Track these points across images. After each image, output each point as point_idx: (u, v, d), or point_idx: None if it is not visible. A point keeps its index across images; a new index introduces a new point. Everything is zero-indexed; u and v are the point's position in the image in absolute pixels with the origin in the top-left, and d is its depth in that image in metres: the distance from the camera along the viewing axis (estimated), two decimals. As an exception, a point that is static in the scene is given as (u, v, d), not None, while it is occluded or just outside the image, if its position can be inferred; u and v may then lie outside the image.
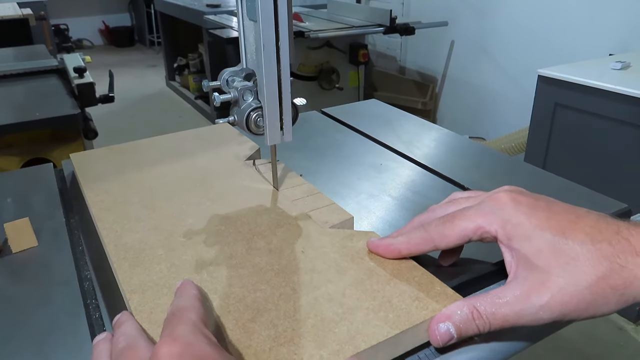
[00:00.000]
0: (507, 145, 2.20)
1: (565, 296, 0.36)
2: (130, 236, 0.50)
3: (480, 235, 0.41)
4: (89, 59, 1.64)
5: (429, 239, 0.43)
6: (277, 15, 0.48)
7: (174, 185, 0.60)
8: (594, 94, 1.54)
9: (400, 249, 0.44)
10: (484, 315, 0.38)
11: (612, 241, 0.36)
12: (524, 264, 0.38)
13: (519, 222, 0.39)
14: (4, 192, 0.65)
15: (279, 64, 0.51)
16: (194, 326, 0.33)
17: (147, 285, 0.43)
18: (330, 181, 0.69)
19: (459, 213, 0.42)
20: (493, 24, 2.65)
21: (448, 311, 0.38)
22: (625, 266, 0.35)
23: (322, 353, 0.35)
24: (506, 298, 0.37)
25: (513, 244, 0.39)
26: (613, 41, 2.09)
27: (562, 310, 0.36)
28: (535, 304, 0.36)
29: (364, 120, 0.91)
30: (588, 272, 0.36)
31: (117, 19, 5.98)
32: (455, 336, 0.38)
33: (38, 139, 1.31)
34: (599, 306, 0.36)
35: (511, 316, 0.37)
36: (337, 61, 2.77)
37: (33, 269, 0.50)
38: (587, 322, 0.39)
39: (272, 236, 0.50)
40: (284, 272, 0.44)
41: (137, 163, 0.66)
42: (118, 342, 0.35)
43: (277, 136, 0.54)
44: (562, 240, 0.37)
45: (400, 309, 0.39)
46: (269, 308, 0.40)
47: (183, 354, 0.30)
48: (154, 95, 4.18)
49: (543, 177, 0.72)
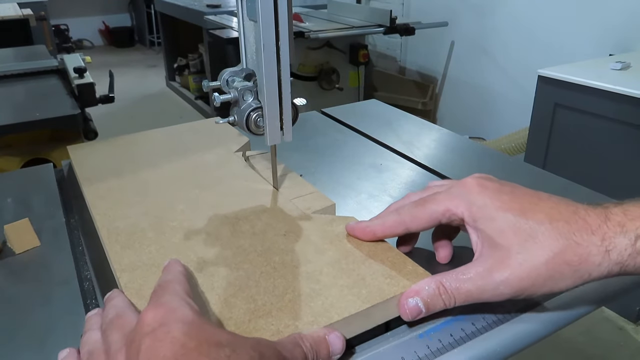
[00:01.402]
0: (507, 145, 2.20)
1: (524, 272, 0.38)
2: (122, 221, 0.52)
3: (449, 218, 0.43)
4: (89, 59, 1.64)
5: (401, 222, 0.45)
6: (277, 15, 0.48)
7: (166, 175, 0.63)
8: (594, 94, 1.54)
9: (375, 230, 0.47)
10: (449, 291, 0.40)
11: (570, 220, 0.38)
12: (488, 243, 0.40)
13: (484, 204, 0.41)
14: (4, 192, 0.65)
15: (279, 64, 0.51)
16: (178, 295, 0.35)
17: (137, 265, 0.45)
18: (330, 181, 0.69)
19: (430, 197, 0.45)
20: (493, 24, 2.65)
21: (417, 287, 0.41)
22: (581, 243, 0.37)
23: (297, 324, 0.38)
24: (470, 274, 0.40)
25: (478, 225, 0.41)
26: (613, 41, 2.08)
27: (521, 284, 0.38)
28: (496, 280, 0.39)
29: (364, 120, 0.91)
30: (545, 249, 0.38)
31: (117, 19, 5.98)
32: (424, 310, 0.40)
33: (38, 139, 1.31)
34: (555, 281, 0.38)
35: (474, 291, 0.39)
36: (337, 61, 2.77)
37: (33, 269, 0.50)
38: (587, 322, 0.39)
39: (257, 220, 0.52)
40: (266, 253, 0.47)
41: (131, 154, 0.69)
42: (108, 313, 0.38)
43: (277, 136, 0.54)
44: (522, 220, 0.39)
45: (372, 285, 0.42)
46: (250, 285, 0.42)
47: (166, 317, 0.32)
48: (154, 96, 4.18)
49: (543, 177, 0.72)
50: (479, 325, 0.43)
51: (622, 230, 0.37)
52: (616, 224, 0.37)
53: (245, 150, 0.70)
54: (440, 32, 2.92)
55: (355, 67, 2.81)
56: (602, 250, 0.37)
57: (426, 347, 0.40)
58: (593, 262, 0.37)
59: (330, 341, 0.37)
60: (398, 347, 0.40)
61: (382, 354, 0.40)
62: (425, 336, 0.41)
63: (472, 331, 0.42)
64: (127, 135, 0.75)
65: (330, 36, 2.56)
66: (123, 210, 0.54)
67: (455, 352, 0.40)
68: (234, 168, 0.64)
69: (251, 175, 0.63)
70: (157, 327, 0.31)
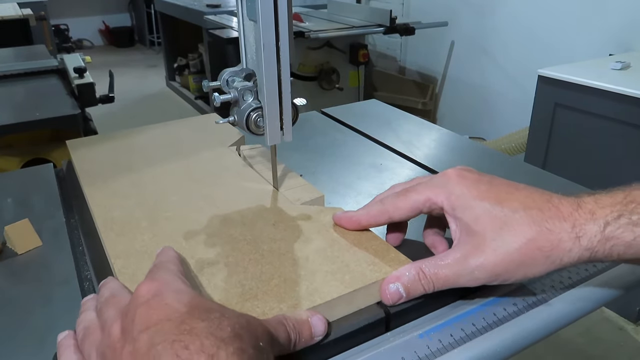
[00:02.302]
0: (507, 145, 2.20)
1: (498, 257, 0.39)
2: (117, 211, 0.54)
3: (429, 207, 0.45)
4: (89, 59, 1.64)
5: (384, 211, 0.47)
6: (277, 15, 0.48)
7: (161, 168, 0.64)
8: (594, 94, 1.54)
9: (360, 220, 0.49)
10: (428, 276, 0.41)
11: (543, 208, 0.40)
12: (465, 230, 0.42)
13: (462, 194, 0.43)
14: (4, 192, 0.65)
15: (279, 64, 0.51)
16: (172, 272, 0.37)
17: (130, 252, 0.47)
18: (330, 181, 0.69)
19: (412, 187, 0.46)
20: (493, 24, 2.65)
21: (398, 273, 0.42)
22: (553, 230, 0.39)
23: (282, 306, 0.40)
24: (447, 260, 0.41)
25: (457, 213, 0.43)
26: (613, 41, 2.08)
27: (495, 270, 0.40)
28: (471, 265, 0.40)
29: (364, 120, 0.91)
30: (518, 235, 0.39)
31: (117, 19, 5.98)
32: (405, 295, 0.42)
33: (38, 139, 1.31)
34: (528, 266, 0.39)
35: (451, 276, 0.41)
36: (337, 61, 2.77)
37: (33, 269, 0.50)
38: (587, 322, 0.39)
39: (247, 211, 0.54)
40: (255, 242, 0.48)
41: (129, 149, 0.71)
42: (103, 294, 0.39)
43: (277, 136, 0.54)
44: (498, 208, 0.41)
45: (356, 271, 0.44)
46: (239, 271, 0.44)
47: (160, 289, 0.33)
48: (154, 96, 4.18)
49: (543, 177, 0.72)
50: (479, 326, 0.43)
51: (592, 217, 0.38)
52: (587, 211, 0.39)
53: (239, 145, 0.72)
54: (440, 32, 2.91)
55: (355, 67, 2.81)
56: (573, 237, 0.38)
57: (426, 347, 0.40)
58: (564, 248, 0.38)
59: (313, 323, 0.38)
60: (398, 347, 0.40)
61: (382, 354, 0.40)
62: (425, 336, 0.42)
63: (472, 331, 0.42)
64: (126, 130, 0.77)
65: (330, 36, 2.56)
66: (119, 201, 0.56)
67: (455, 352, 0.40)
68: (227, 162, 0.66)
69: (243, 168, 0.64)
70: (151, 297, 0.33)
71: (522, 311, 0.45)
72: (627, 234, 0.37)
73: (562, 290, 0.47)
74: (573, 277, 0.49)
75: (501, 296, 0.46)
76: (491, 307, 0.45)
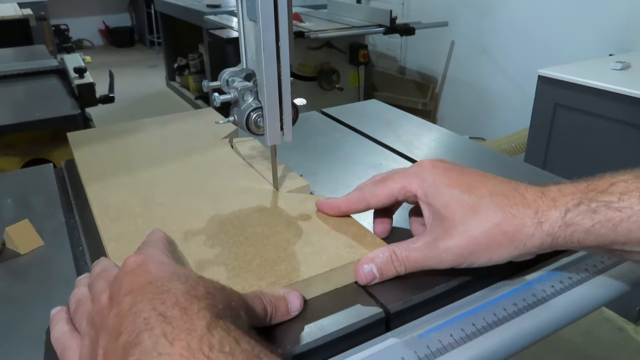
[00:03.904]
0: (507, 146, 2.20)
1: (464, 240, 0.41)
2: (113, 199, 0.57)
3: (404, 195, 0.47)
4: (89, 59, 1.64)
5: (363, 197, 0.49)
6: (277, 15, 0.48)
7: (155, 159, 0.67)
8: (594, 94, 1.54)
9: (340, 205, 0.52)
10: (400, 258, 0.44)
11: (509, 195, 0.42)
12: (436, 216, 0.44)
13: (434, 181, 0.45)
14: (4, 192, 0.65)
15: (279, 64, 0.51)
16: (158, 248, 0.40)
17: (123, 235, 0.50)
18: (330, 181, 0.69)
19: (389, 176, 0.49)
20: (493, 24, 2.65)
21: (372, 254, 0.45)
22: (516, 215, 0.41)
23: (261, 284, 0.42)
24: (418, 244, 0.44)
25: (429, 200, 0.45)
26: (613, 41, 2.08)
27: (461, 252, 0.42)
28: (440, 248, 0.42)
29: (364, 120, 0.91)
30: (484, 220, 0.41)
31: (117, 19, 5.98)
32: (378, 276, 0.44)
33: (38, 139, 1.31)
34: (493, 250, 0.41)
35: (420, 259, 0.43)
36: (337, 61, 2.77)
37: (33, 269, 0.50)
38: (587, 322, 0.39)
39: (235, 199, 0.57)
40: (241, 226, 0.51)
41: (126, 141, 0.74)
42: (95, 270, 0.41)
43: (277, 136, 0.55)
44: (466, 195, 0.43)
45: (333, 253, 0.46)
46: (224, 252, 0.47)
47: (145, 260, 0.36)
48: (154, 96, 4.18)
49: (543, 177, 0.71)
50: (479, 326, 0.43)
51: (554, 204, 0.40)
52: (550, 199, 0.41)
53: (232, 137, 0.74)
54: (440, 32, 2.91)
55: (355, 67, 2.81)
56: (535, 222, 0.40)
57: (426, 347, 0.40)
58: (527, 233, 0.40)
59: (290, 299, 0.41)
60: (398, 347, 0.40)
61: (382, 354, 0.40)
62: (425, 336, 0.42)
63: (472, 331, 0.42)
64: (122, 124, 0.80)
65: (330, 36, 2.56)
66: (114, 189, 0.59)
67: (455, 352, 0.40)
68: (220, 153, 0.69)
69: (235, 159, 0.67)
70: (136, 267, 0.35)
71: (522, 311, 0.45)
72: (586, 220, 0.39)
73: (562, 291, 0.47)
74: (573, 277, 0.49)
75: (501, 296, 0.46)
76: (491, 307, 0.45)
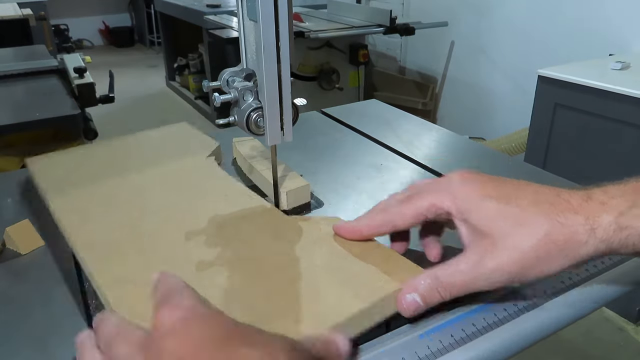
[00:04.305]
0: (507, 146, 2.20)
1: (512, 257, 0.38)
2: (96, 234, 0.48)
3: (435, 213, 0.43)
4: (89, 59, 1.64)
5: (389, 220, 0.45)
6: (277, 15, 0.48)
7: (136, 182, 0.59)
8: (594, 94, 1.54)
9: (362, 230, 0.47)
10: (445, 284, 0.40)
11: (554, 202, 0.39)
12: (475, 233, 0.40)
13: (467, 196, 0.41)
14: (4, 192, 0.65)
15: (279, 64, 0.51)
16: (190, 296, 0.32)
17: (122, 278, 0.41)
18: (330, 181, 0.69)
19: (415, 194, 0.45)
20: (493, 24, 2.65)
21: (414, 283, 0.41)
22: (565, 223, 0.37)
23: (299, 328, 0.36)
24: (461, 266, 0.40)
25: (465, 216, 0.41)
26: (613, 41, 2.08)
27: (511, 270, 0.38)
28: (487, 268, 0.39)
29: (364, 120, 0.91)
30: (531, 233, 0.38)
31: (117, 19, 5.98)
32: (422, 304, 0.40)
33: (38, 139, 1.31)
34: (545, 263, 0.38)
35: (468, 282, 0.40)
36: (337, 61, 2.77)
37: (33, 269, 0.50)
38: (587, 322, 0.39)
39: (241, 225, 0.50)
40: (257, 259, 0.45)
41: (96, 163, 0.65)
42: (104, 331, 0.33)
43: (278, 136, 0.54)
44: (506, 207, 0.40)
45: (369, 284, 0.41)
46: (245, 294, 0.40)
47: (185, 315, 0.30)
48: (154, 95, 4.18)
49: (543, 177, 0.71)
50: (480, 326, 0.43)
51: (604, 208, 0.37)
52: (598, 203, 0.38)
53: (216, 155, 0.67)
54: (440, 32, 2.91)
55: (355, 67, 2.81)
56: (588, 229, 0.37)
57: (426, 347, 0.40)
58: (579, 241, 0.37)
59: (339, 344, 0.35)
60: (398, 348, 0.40)
61: (382, 354, 0.40)
62: (425, 336, 0.41)
63: (472, 332, 0.42)
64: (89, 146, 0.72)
65: (330, 36, 2.56)
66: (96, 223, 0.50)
67: (456, 352, 0.40)
68: (208, 173, 0.62)
69: (225, 178, 0.60)
70: (178, 325, 0.29)
71: (523, 312, 0.44)
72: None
73: (562, 291, 0.47)
74: (573, 278, 0.49)
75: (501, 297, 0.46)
76: (492, 307, 0.45)
